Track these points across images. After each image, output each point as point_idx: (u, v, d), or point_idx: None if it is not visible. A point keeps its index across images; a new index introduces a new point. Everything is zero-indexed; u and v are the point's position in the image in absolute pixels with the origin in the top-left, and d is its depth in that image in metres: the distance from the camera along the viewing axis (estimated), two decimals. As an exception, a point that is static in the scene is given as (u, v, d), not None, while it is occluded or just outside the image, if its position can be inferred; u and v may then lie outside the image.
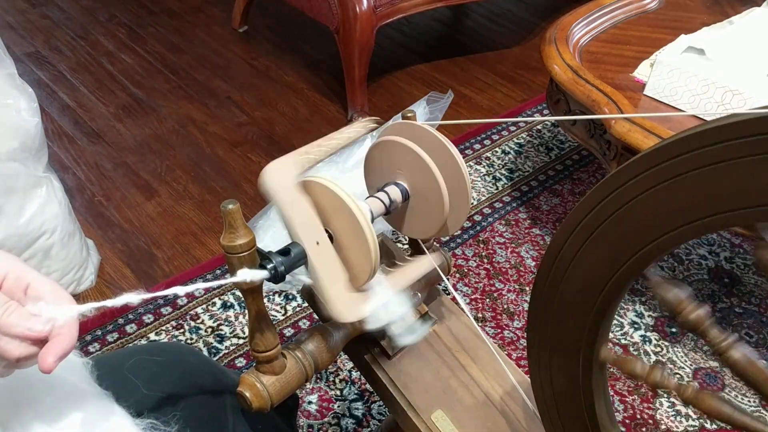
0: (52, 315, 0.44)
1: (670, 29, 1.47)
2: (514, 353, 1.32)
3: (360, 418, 1.21)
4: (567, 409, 0.56)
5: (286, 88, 2.08)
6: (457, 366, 0.73)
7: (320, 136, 0.61)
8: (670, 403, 1.26)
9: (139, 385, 0.61)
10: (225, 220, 0.52)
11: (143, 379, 0.62)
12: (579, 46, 1.44)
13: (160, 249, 1.51)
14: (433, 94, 1.87)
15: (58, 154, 1.76)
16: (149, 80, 2.08)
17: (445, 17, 2.52)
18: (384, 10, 1.82)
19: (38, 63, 2.12)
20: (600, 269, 0.47)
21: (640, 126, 1.16)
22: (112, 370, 0.60)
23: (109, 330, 1.32)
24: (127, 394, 0.58)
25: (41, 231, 1.27)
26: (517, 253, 1.54)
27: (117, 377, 0.60)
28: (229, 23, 2.37)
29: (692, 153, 0.39)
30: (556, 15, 1.80)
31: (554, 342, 0.53)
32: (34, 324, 0.44)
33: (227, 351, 1.30)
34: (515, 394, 0.70)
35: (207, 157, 1.79)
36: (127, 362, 0.64)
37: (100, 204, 1.63)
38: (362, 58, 1.83)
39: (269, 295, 1.41)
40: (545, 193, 1.71)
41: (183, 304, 1.38)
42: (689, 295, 0.46)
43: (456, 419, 0.68)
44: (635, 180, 0.42)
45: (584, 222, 0.47)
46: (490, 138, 1.89)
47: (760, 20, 1.36)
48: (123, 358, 0.65)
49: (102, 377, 0.55)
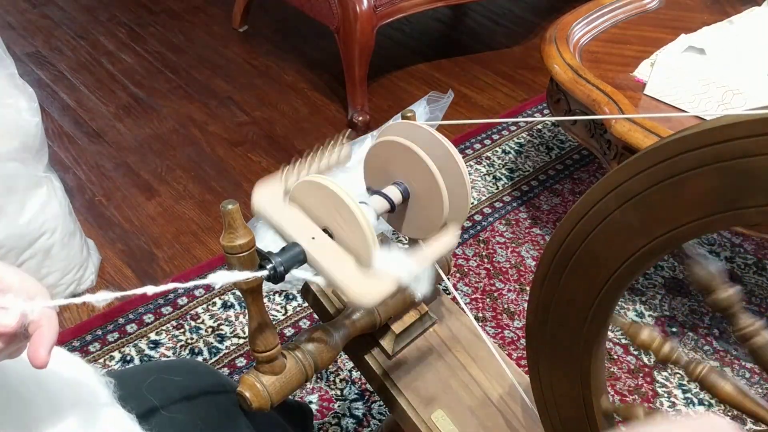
0: (21, 308, 0.43)
1: (671, 29, 1.47)
2: (515, 353, 1.32)
3: (360, 417, 1.21)
4: (567, 410, 0.56)
5: (286, 87, 2.08)
6: (458, 365, 0.73)
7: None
8: (670, 403, 1.26)
9: (157, 406, 0.61)
10: (225, 220, 0.52)
11: (161, 399, 0.62)
12: (579, 45, 1.44)
13: (161, 249, 1.52)
14: (433, 94, 1.87)
15: (59, 154, 1.76)
16: (149, 80, 2.08)
17: (446, 17, 2.52)
18: (384, 9, 1.82)
19: (38, 63, 2.12)
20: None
21: (641, 125, 1.16)
22: (129, 389, 0.60)
23: (110, 330, 1.32)
24: (146, 415, 0.58)
25: (42, 231, 1.27)
26: (517, 252, 1.54)
27: (136, 396, 0.59)
28: (229, 23, 2.37)
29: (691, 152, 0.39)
30: (557, 15, 1.80)
31: (554, 342, 0.53)
32: (2, 318, 0.42)
33: (227, 351, 1.30)
34: (515, 394, 0.70)
35: (207, 157, 1.79)
36: (145, 382, 0.63)
37: (101, 204, 1.63)
38: (362, 58, 1.83)
39: (269, 295, 1.41)
40: (545, 192, 1.71)
41: (183, 304, 1.38)
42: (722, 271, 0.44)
43: (456, 419, 0.68)
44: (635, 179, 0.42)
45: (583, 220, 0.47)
46: (491, 138, 1.89)
47: (760, 20, 1.36)
48: (141, 375, 0.65)
49: (123, 397, 0.55)
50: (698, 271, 0.44)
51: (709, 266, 0.44)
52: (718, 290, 0.43)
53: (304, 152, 0.60)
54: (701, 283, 0.44)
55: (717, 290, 0.43)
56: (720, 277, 0.43)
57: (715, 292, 0.43)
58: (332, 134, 1.75)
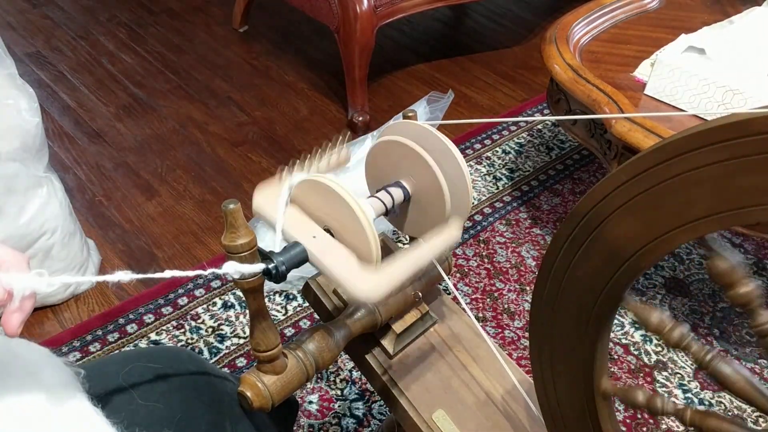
0: (8, 282, 0.44)
1: (671, 29, 1.47)
2: (515, 353, 1.32)
3: (361, 417, 1.21)
4: (569, 410, 0.56)
5: (286, 87, 2.08)
6: (458, 365, 0.73)
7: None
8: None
9: (134, 395, 0.59)
10: (226, 219, 0.52)
11: (138, 387, 0.60)
12: (579, 45, 1.44)
13: (161, 249, 1.52)
14: (433, 94, 1.87)
15: (59, 154, 1.76)
16: (150, 80, 2.08)
17: (446, 17, 2.52)
18: (384, 9, 1.82)
19: (39, 63, 2.12)
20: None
21: (641, 125, 1.16)
22: (106, 378, 0.59)
23: (110, 330, 1.32)
24: (121, 403, 0.56)
25: (42, 231, 1.27)
26: (517, 252, 1.54)
27: (112, 384, 0.58)
28: (229, 23, 2.37)
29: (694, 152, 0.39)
30: (557, 14, 1.80)
31: (554, 341, 0.53)
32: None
33: (228, 351, 1.30)
34: (516, 394, 0.70)
35: (207, 157, 1.79)
36: (123, 370, 0.61)
37: (101, 204, 1.63)
38: (362, 58, 1.83)
39: (270, 294, 1.41)
40: (546, 192, 1.71)
41: (184, 304, 1.38)
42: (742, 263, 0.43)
43: (457, 419, 0.68)
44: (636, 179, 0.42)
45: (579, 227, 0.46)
46: (491, 138, 1.89)
47: (760, 20, 1.36)
48: (119, 365, 0.62)
49: (96, 386, 0.54)
50: (719, 263, 0.42)
51: (731, 259, 0.42)
52: (738, 284, 0.42)
53: (303, 152, 0.60)
54: (721, 276, 0.42)
55: (737, 284, 0.42)
56: (741, 270, 0.42)
57: (735, 286, 0.42)
58: (332, 134, 1.77)
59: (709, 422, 0.45)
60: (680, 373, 1.30)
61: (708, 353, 0.45)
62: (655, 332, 0.48)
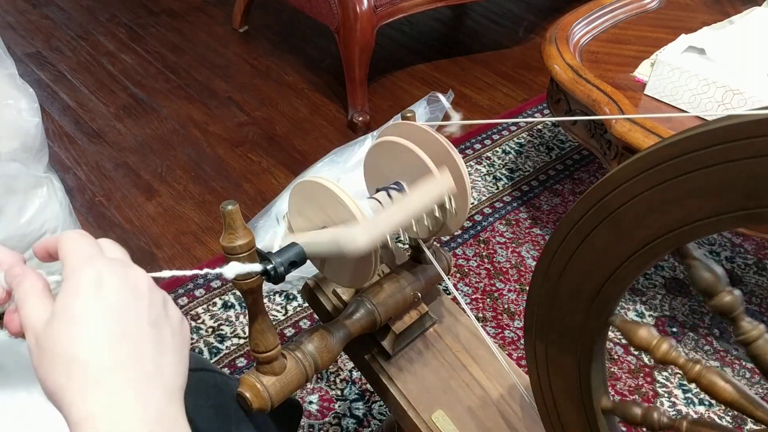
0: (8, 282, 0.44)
1: (671, 29, 1.47)
2: (515, 353, 1.32)
3: (361, 418, 1.21)
4: (566, 409, 0.56)
5: (286, 88, 2.08)
6: (458, 365, 0.73)
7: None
8: (670, 403, 1.26)
9: None
10: (224, 220, 0.52)
11: None
12: (579, 45, 1.44)
13: (161, 249, 1.52)
14: (433, 94, 1.87)
15: (59, 155, 1.76)
16: (150, 80, 2.08)
17: (446, 17, 2.52)
18: (384, 9, 1.82)
19: (39, 63, 2.12)
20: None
21: (641, 125, 1.16)
22: None
23: (110, 330, 1.32)
24: None
25: (42, 231, 1.27)
26: (517, 252, 1.54)
27: None
28: (229, 23, 2.37)
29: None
30: (557, 15, 1.80)
31: (552, 336, 0.53)
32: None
33: (228, 351, 1.30)
34: (516, 394, 0.70)
35: (207, 157, 1.79)
36: None
37: (101, 204, 1.63)
38: (362, 58, 1.83)
39: (269, 295, 1.41)
40: (546, 192, 1.71)
41: (184, 304, 1.38)
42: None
43: (456, 419, 0.68)
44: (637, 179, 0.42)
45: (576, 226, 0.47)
46: (491, 138, 1.89)
47: (760, 20, 1.36)
48: None
49: None
50: (700, 274, 0.43)
51: (712, 269, 0.43)
52: (719, 294, 0.43)
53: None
54: (703, 286, 0.43)
55: (718, 294, 0.43)
56: (722, 280, 0.43)
57: (716, 296, 0.43)
58: (332, 134, 1.77)
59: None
60: (680, 373, 1.30)
61: (695, 365, 0.46)
62: (643, 349, 0.48)
